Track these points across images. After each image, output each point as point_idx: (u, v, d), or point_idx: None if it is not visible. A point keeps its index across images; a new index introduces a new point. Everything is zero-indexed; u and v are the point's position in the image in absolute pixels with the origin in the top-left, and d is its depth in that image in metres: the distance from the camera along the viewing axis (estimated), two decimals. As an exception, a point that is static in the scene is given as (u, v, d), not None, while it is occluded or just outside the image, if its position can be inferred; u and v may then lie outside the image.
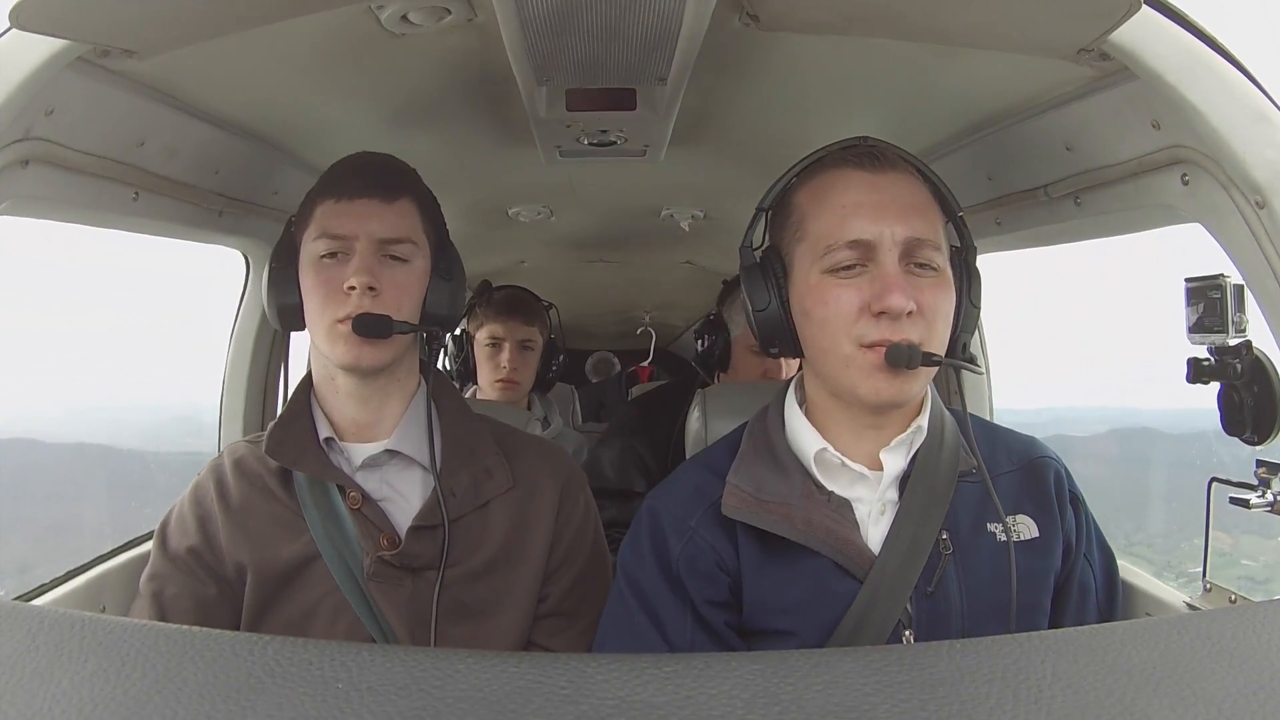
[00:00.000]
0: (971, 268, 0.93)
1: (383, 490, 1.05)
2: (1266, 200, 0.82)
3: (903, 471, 0.90)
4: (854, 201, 0.87)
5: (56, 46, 0.79)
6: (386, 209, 1.02)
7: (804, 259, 0.89)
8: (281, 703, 0.44)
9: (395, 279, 1.02)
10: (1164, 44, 0.82)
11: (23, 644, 0.49)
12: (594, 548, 1.14)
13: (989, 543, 0.89)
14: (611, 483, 1.82)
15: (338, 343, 1.00)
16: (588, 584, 1.10)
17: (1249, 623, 0.54)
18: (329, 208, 1.02)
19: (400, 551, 1.01)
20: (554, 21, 0.91)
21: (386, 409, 1.06)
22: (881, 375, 0.84)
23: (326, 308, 1.01)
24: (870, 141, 0.92)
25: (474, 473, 1.06)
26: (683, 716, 0.43)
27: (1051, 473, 0.95)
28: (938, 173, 0.92)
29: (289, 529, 1.03)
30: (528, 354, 2.01)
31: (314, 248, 1.02)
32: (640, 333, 3.83)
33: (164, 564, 1.04)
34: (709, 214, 2.05)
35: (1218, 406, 0.96)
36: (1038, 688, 0.46)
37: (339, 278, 1.00)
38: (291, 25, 0.93)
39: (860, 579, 0.86)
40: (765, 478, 0.91)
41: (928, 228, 0.87)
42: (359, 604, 1.01)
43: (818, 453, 0.90)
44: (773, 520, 0.87)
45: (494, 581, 1.05)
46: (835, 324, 0.86)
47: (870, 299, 0.84)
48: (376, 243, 1.01)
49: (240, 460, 1.08)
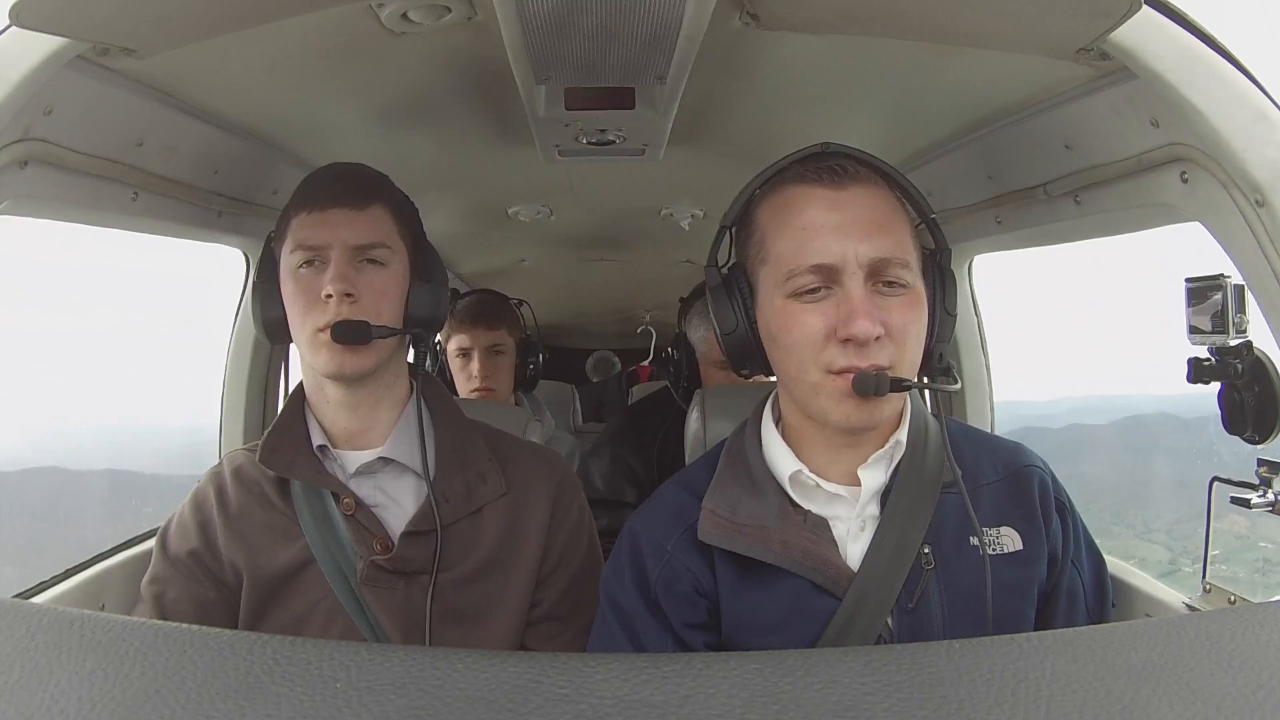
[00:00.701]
0: (946, 271, 0.90)
1: (376, 496, 1.05)
2: (1266, 199, 0.82)
3: (883, 486, 0.89)
4: (815, 223, 0.84)
5: (56, 45, 0.79)
6: (358, 216, 1.02)
7: (768, 281, 0.87)
8: (279, 702, 0.44)
9: (373, 284, 1.02)
10: (1164, 43, 0.81)
11: (22, 642, 0.49)
12: (588, 553, 1.14)
13: (972, 556, 0.87)
14: (602, 493, 1.82)
15: (320, 351, 1.01)
16: (582, 589, 1.10)
17: (1248, 623, 0.54)
18: (303, 220, 1.03)
19: (393, 556, 1.01)
20: (553, 20, 0.91)
21: (378, 416, 1.07)
22: (851, 402, 0.82)
23: (307, 317, 1.01)
24: (831, 149, 0.88)
25: (467, 478, 1.07)
26: (681, 716, 0.43)
27: (1036, 482, 0.93)
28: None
29: (284, 535, 1.03)
30: (499, 359, 1.98)
31: (291, 260, 1.03)
32: (640, 332, 3.82)
33: (165, 567, 1.05)
34: (708, 213, 2.05)
35: (1219, 406, 0.96)
36: (1038, 688, 0.46)
37: (316, 287, 1.00)
38: (291, 25, 0.93)
39: (839, 597, 0.85)
40: (741, 499, 0.90)
41: (894, 245, 0.83)
42: (353, 608, 1.01)
43: (793, 474, 0.89)
44: (748, 544, 0.86)
45: (486, 586, 1.05)
46: (801, 351, 0.84)
47: (836, 324, 0.81)
48: (350, 249, 1.01)
49: (239, 468, 1.09)
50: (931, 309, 0.87)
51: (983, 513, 0.90)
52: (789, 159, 0.89)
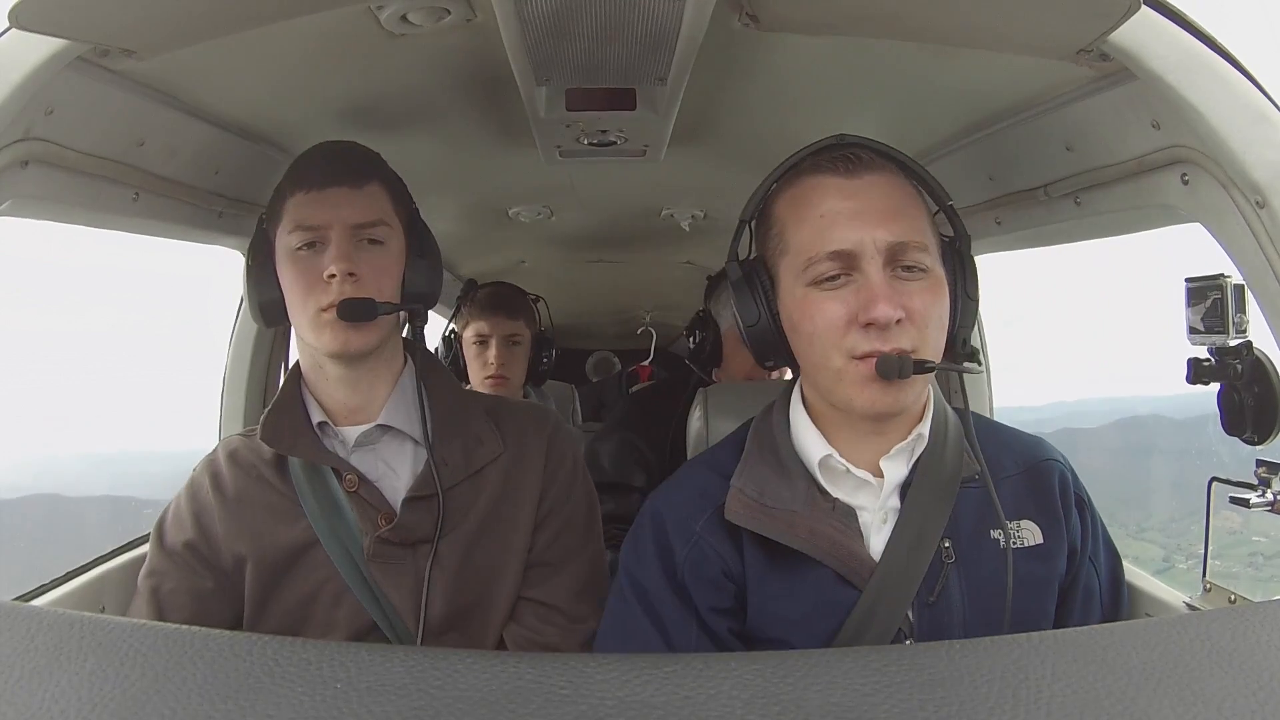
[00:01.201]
0: (966, 258, 0.90)
1: (378, 468, 1.06)
2: (1266, 200, 0.81)
3: (904, 479, 0.88)
4: (831, 210, 0.84)
5: (56, 46, 0.79)
6: (357, 194, 1.03)
7: (788, 272, 0.88)
8: (280, 703, 0.44)
9: (373, 262, 1.03)
10: (1164, 44, 0.81)
11: (21, 644, 0.49)
12: (582, 499, 1.14)
13: (992, 550, 0.87)
14: (609, 475, 1.81)
15: (323, 331, 1.01)
16: (572, 534, 1.11)
17: (1249, 623, 0.54)
18: (300, 199, 1.03)
19: (396, 525, 1.01)
20: (553, 21, 0.91)
21: (376, 390, 1.07)
22: (875, 386, 0.82)
23: (309, 298, 1.01)
24: (847, 140, 0.89)
25: (465, 441, 1.08)
26: (682, 717, 0.43)
27: (1056, 476, 0.93)
28: (938, 172, 0.91)
29: (286, 516, 1.03)
30: (515, 349, 2.01)
31: (289, 240, 1.03)
32: (640, 332, 3.82)
33: (161, 560, 1.05)
34: (709, 214, 2.05)
35: (1218, 407, 0.96)
36: (1038, 688, 0.46)
37: (317, 267, 1.01)
38: (291, 25, 0.93)
39: (860, 588, 0.85)
40: (769, 481, 0.89)
41: (911, 229, 0.84)
42: (359, 587, 1.02)
43: (823, 458, 0.89)
44: (777, 529, 0.86)
45: (490, 545, 1.06)
46: (824, 338, 0.84)
47: (857, 309, 0.82)
48: (351, 228, 1.02)
49: (234, 451, 1.09)
50: (953, 294, 0.87)
51: (1002, 506, 0.89)
52: (805, 151, 0.90)
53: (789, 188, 0.90)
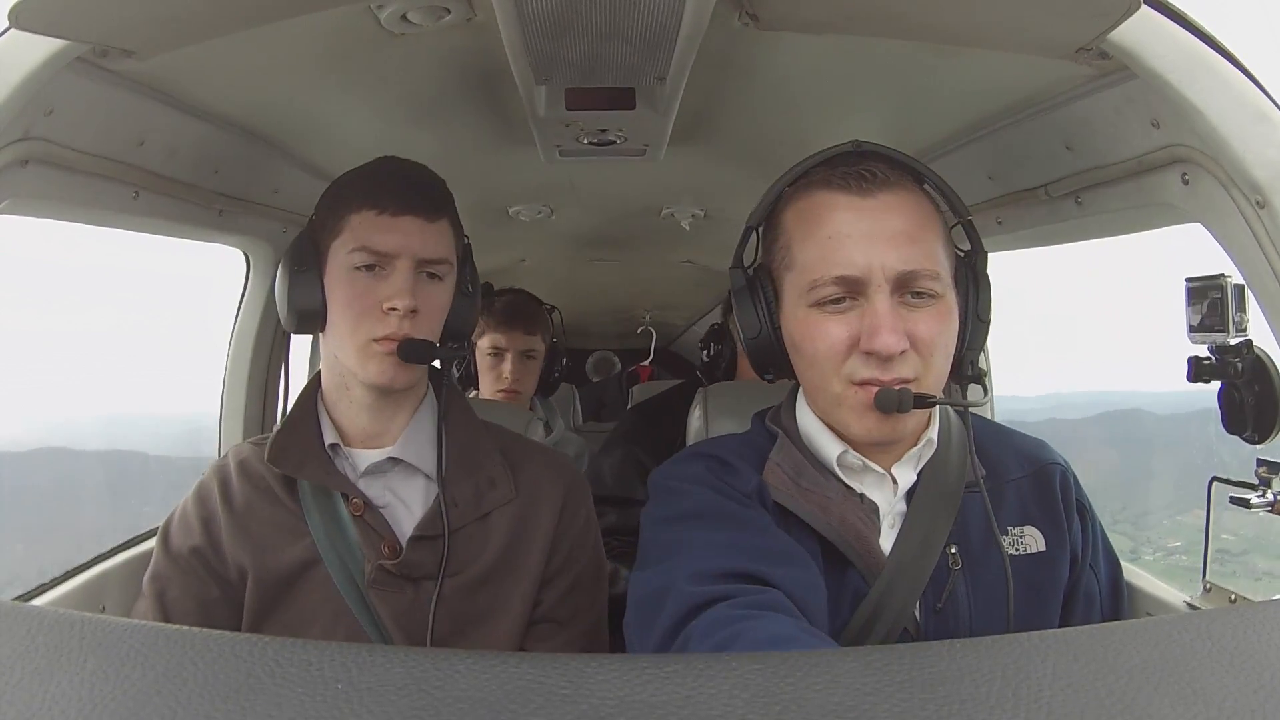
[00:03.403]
0: (980, 275, 0.87)
1: (385, 497, 1.05)
2: (1267, 200, 0.82)
3: (911, 484, 0.88)
4: (840, 232, 0.81)
5: (56, 46, 0.79)
6: (429, 228, 1.01)
7: (792, 289, 0.85)
8: (281, 703, 0.44)
9: (431, 299, 1.01)
10: (1164, 43, 0.81)
11: (21, 644, 0.49)
12: (592, 558, 1.13)
13: (999, 556, 0.86)
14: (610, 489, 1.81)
15: (371, 361, 0.99)
16: (582, 593, 1.10)
17: (1249, 623, 0.54)
18: (369, 219, 0.99)
19: (401, 561, 1.01)
20: (553, 21, 0.91)
21: (396, 419, 1.07)
22: (872, 416, 0.80)
23: (361, 324, 0.99)
24: (863, 148, 0.86)
25: (477, 482, 1.06)
26: (682, 716, 0.43)
27: (1059, 480, 0.93)
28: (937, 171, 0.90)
29: (291, 533, 1.03)
30: (530, 363, 1.98)
31: (348, 258, 0.99)
32: (640, 332, 3.83)
33: (167, 564, 1.04)
34: (709, 213, 2.05)
35: (1219, 405, 0.96)
36: (1038, 688, 0.46)
37: (376, 294, 0.98)
38: (291, 25, 0.93)
39: (870, 584, 0.85)
40: (804, 465, 0.88)
41: (923, 255, 0.80)
42: (359, 610, 1.01)
43: (839, 455, 0.87)
44: (810, 511, 0.85)
45: (492, 590, 1.05)
46: (824, 361, 0.82)
47: (860, 334, 0.79)
48: (417, 261, 0.99)
49: (244, 462, 1.08)
50: (963, 315, 0.85)
51: (1007, 511, 0.89)
52: (818, 157, 0.87)
53: (799, 198, 0.86)
